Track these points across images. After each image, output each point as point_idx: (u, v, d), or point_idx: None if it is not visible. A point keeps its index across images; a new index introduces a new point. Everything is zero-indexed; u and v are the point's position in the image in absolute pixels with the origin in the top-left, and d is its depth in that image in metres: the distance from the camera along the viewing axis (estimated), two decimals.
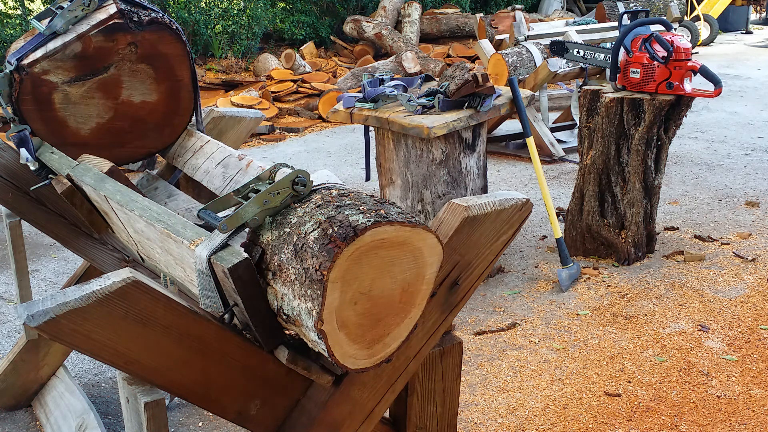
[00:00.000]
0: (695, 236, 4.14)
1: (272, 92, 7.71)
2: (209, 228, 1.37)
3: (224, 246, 1.27)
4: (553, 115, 6.59)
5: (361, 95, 3.45)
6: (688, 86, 3.51)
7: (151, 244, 1.61)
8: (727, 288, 3.54)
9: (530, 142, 3.78)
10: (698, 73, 3.49)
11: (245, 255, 1.24)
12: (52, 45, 2.02)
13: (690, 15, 12.18)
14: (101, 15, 2.06)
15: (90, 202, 1.92)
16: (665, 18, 4.22)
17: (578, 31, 5.70)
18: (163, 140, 2.32)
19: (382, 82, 3.54)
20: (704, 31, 12.14)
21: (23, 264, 2.44)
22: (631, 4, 7.88)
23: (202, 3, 9.24)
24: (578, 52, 4.48)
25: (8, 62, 2.01)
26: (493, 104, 3.35)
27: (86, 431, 2.33)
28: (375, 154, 3.59)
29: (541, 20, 8.54)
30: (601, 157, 3.76)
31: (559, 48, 4.64)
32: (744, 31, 14.31)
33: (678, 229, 4.25)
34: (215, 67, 8.87)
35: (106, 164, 1.91)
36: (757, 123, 6.81)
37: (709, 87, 3.50)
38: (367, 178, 3.67)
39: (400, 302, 1.24)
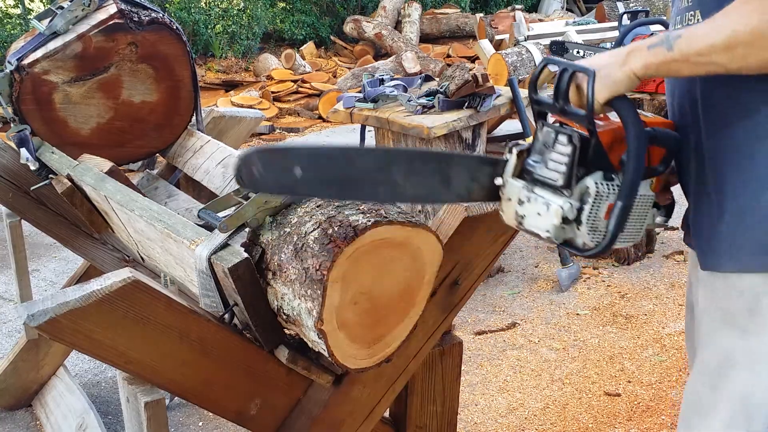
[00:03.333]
0: None
1: (272, 92, 7.71)
2: (209, 228, 1.37)
3: (224, 246, 1.27)
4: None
5: (361, 95, 3.45)
6: None
7: (151, 244, 1.62)
8: None
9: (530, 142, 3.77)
10: None
11: (245, 255, 1.24)
12: (52, 45, 2.02)
13: None
14: (101, 15, 2.06)
15: (90, 202, 1.92)
16: (665, 18, 4.22)
17: (578, 31, 5.70)
18: (163, 140, 2.32)
19: (382, 82, 3.54)
20: None
21: (23, 264, 2.44)
22: (631, 4, 7.88)
23: (202, 3, 9.24)
24: (578, 52, 4.48)
25: (8, 62, 2.01)
26: (492, 104, 3.35)
27: (86, 431, 2.33)
28: None
29: (541, 20, 8.54)
30: None
31: (559, 48, 4.64)
32: None
33: (677, 229, 4.24)
34: (215, 67, 8.87)
35: (107, 164, 1.91)
36: None
37: None
38: None
39: (400, 302, 1.24)
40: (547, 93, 1.15)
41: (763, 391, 1.11)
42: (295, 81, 8.05)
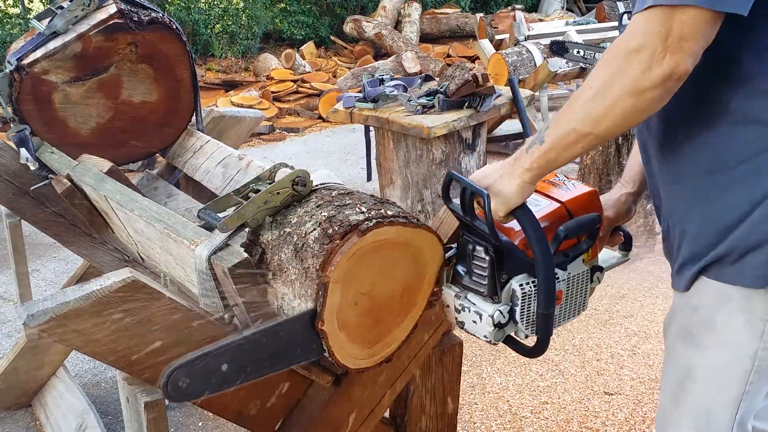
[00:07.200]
0: None
1: (272, 92, 7.70)
2: (209, 228, 1.36)
3: (224, 246, 1.27)
4: (553, 115, 6.58)
5: (361, 95, 3.45)
6: None
7: (151, 244, 1.61)
8: None
9: None
10: None
11: (245, 255, 1.23)
12: (52, 45, 2.01)
13: None
14: (101, 15, 2.06)
15: (90, 202, 1.92)
16: None
17: (578, 31, 5.69)
18: (163, 140, 2.32)
19: (382, 82, 3.54)
20: None
21: (23, 264, 2.44)
22: (631, 4, 7.87)
23: (201, 3, 9.23)
24: (578, 52, 4.48)
25: (8, 62, 2.01)
26: (493, 104, 3.35)
27: (86, 431, 2.33)
28: (375, 154, 3.59)
29: (541, 20, 8.53)
30: (601, 157, 3.76)
31: (559, 48, 4.64)
32: None
33: None
34: (215, 67, 8.86)
35: (106, 164, 1.91)
36: None
37: None
38: (369, 179, 3.67)
39: (401, 302, 1.24)
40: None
41: (723, 405, 1.11)
42: (294, 81, 8.04)
